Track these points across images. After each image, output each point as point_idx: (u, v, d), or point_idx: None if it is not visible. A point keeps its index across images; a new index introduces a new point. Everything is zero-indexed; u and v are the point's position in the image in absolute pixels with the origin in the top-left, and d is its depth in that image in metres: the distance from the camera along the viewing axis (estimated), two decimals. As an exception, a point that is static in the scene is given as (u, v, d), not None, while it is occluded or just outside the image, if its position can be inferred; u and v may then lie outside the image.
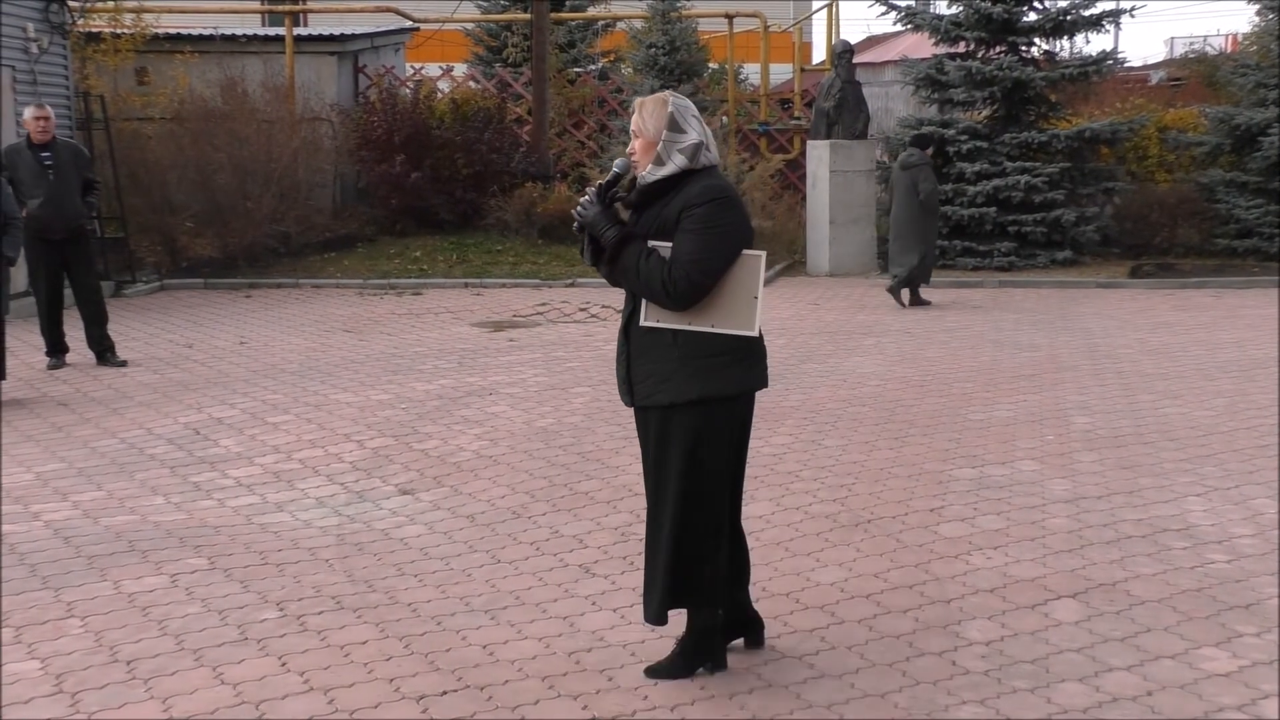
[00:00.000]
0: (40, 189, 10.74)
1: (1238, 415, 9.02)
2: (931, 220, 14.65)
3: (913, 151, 14.75)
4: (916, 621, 5.25)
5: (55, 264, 11.03)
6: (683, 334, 4.45)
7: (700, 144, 4.47)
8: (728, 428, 4.56)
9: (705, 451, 4.50)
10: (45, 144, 10.93)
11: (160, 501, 7.08)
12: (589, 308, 14.69)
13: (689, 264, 4.36)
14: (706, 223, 4.38)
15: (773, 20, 24.32)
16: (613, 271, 4.53)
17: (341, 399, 9.72)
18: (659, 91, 4.69)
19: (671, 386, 4.47)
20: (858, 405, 9.41)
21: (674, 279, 4.35)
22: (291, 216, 17.97)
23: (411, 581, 5.78)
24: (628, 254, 4.46)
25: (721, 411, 4.51)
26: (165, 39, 19.65)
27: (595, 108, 23.10)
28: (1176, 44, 38.07)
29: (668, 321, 4.46)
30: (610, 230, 4.49)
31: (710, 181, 4.47)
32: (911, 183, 14.38)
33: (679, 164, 4.45)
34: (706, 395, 4.45)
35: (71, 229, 11.00)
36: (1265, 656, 4.88)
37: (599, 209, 4.53)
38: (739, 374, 4.52)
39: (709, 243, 4.38)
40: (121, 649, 5.01)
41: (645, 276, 4.41)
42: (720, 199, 4.42)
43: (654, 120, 4.48)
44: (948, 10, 19.07)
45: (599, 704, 4.50)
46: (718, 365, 4.46)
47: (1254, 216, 17.83)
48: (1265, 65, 18.83)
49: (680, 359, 4.46)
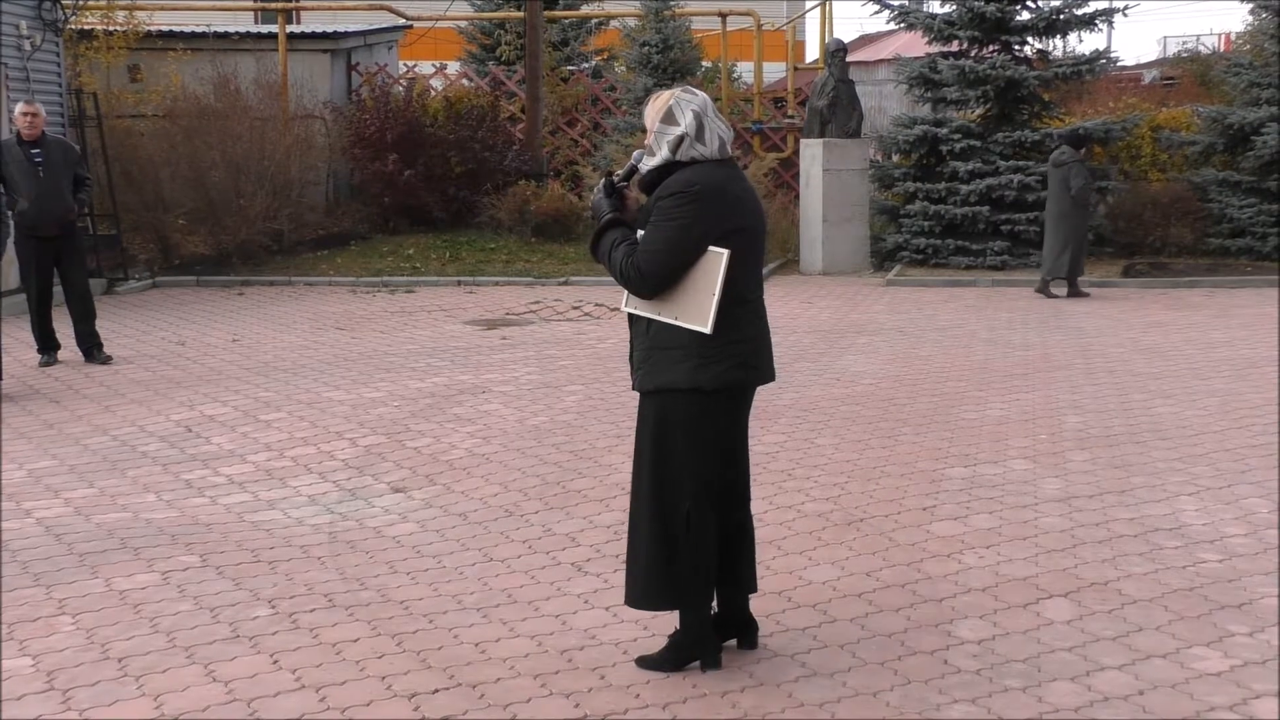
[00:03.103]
0: (30, 186, 10.72)
1: (1230, 415, 9.03)
2: (1083, 215, 15.31)
3: (1065, 149, 15.31)
4: (908, 620, 5.26)
5: (46, 261, 11.00)
6: (654, 324, 4.55)
7: (683, 136, 4.50)
8: (698, 421, 4.56)
9: (676, 444, 4.56)
10: (35, 140, 10.89)
11: (152, 499, 7.06)
12: (582, 306, 14.68)
13: (641, 254, 4.48)
14: (666, 215, 4.46)
15: (766, 19, 24.33)
16: (594, 254, 4.69)
17: (334, 397, 9.71)
18: (661, 91, 4.73)
19: (641, 375, 4.62)
20: (851, 404, 9.41)
21: (627, 267, 4.49)
22: (284, 214, 17.95)
23: (403, 579, 5.77)
24: (605, 239, 4.61)
25: (692, 405, 4.53)
26: (158, 36, 19.66)
27: (589, 106, 23.11)
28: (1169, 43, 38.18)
29: (641, 309, 4.58)
30: (605, 216, 4.64)
31: (683, 175, 4.50)
32: (1063, 179, 15.02)
33: (664, 156, 4.54)
34: (666, 386, 4.53)
35: (63, 225, 10.98)
36: (1257, 656, 4.88)
37: (601, 197, 4.70)
38: (700, 369, 4.49)
39: (663, 234, 4.45)
40: (113, 646, 5.00)
41: (613, 261, 4.56)
42: (683, 193, 4.44)
43: (652, 112, 4.59)
44: (941, 9, 19.08)
45: (591, 702, 4.49)
46: (675, 359, 4.51)
47: (1247, 216, 17.85)
48: (1258, 64, 18.86)
49: (649, 348, 4.57)
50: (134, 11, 18.54)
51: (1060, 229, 15.15)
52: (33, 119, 10.91)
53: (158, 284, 16.52)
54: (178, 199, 17.77)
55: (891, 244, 18.35)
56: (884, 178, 18.95)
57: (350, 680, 4.68)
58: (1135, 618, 5.27)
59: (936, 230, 17.98)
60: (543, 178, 20.28)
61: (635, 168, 4.67)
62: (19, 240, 10.92)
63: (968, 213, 17.74)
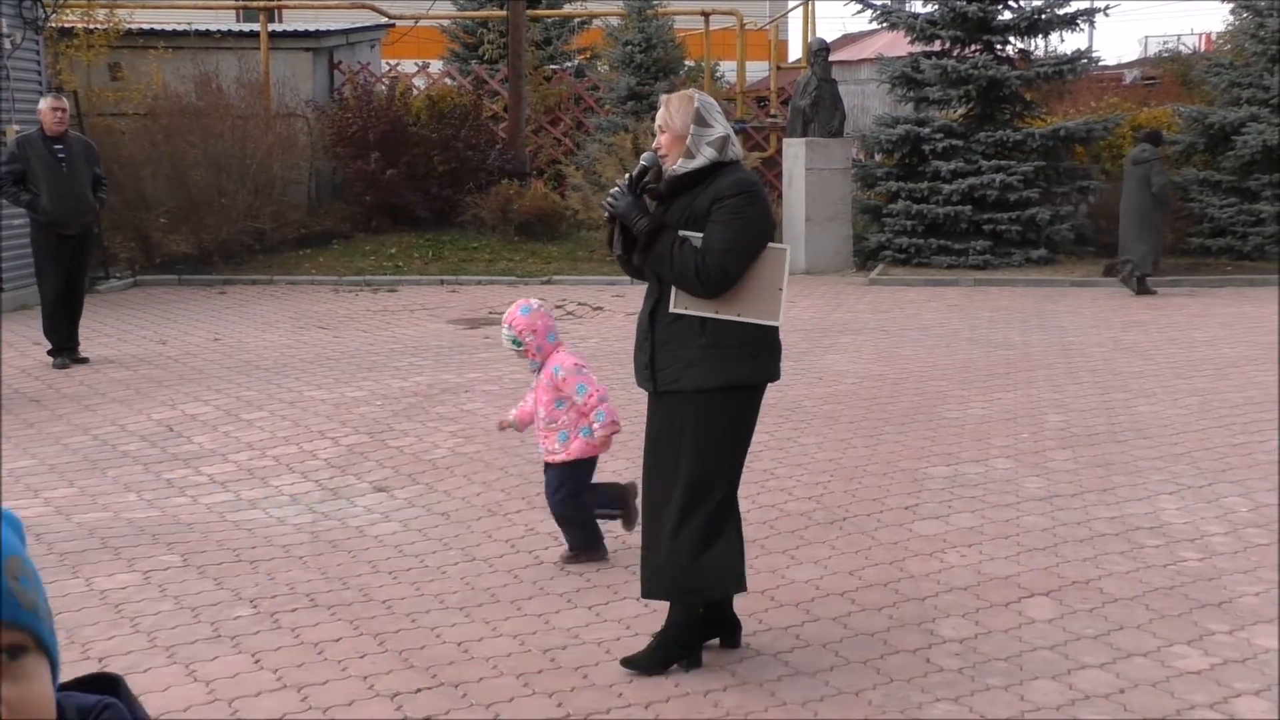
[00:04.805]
0: (52, 181, 10.62)
1: (1210, 414, 9.07)
2: (1162, 212, 15.47)
3: (1145, 147, 15.47)
4: (891, 619, 5.27)
5: (65, 259, 10.88)
6: (710, 322, 4.54)
7: (727, 137, 4.61)
8: (745, 417, 4.65)
9: (719, 439, 4.58)
10: (58, 136, 10.79)
11: (133, 498, 7.04)
12: (565, 305, 14.67)
13: (721, 253, 4.47)
14: (736, 214, 4.50)
15: (749, 18, 24.35)
16: (646, 260, 4.63)
17: (316, 396, 9.69)
18: (669, 94, 4.76)
19: (697, 373, 4.56)
20: (833, 403, 9.42)
21: (707, 267, 4.46)
22: (266, 213, 17.90)
23: (386, 579, 5.76)
24: (661, 242, 4.56)
25: (742, 400, 4.62)
26: (139, 35, 19.57)
27: (572, 105, 23.09)
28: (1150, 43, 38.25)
29: (696, 309, 4.56)
30: (642, 220, 4.60)
31: (739, 175, 4.62)
32: (1144, 176, 15.15)
33: (709, 156, 4.57)
34: (730, 383, 4.56)
35: (83, 223, 10.90)
36: (1237, 654, 4.90)
37: (630, 199, 4.65)
38: (759, 365, 4.63)
39: (739, 233, 4.50)
40: (93, 646, 4.98)
41: (679, 264, 4.51)
42: (749, 192, 4.56)
43: (680, 115, 4.60)
44: (923, 9, 19.12)
45: (574, 701, 4.49)
46: (744, 355, 4.57)
47: (1227, 215, 17.93)
48: (1239, 64, 18.94)
49: (706, 346, 4.55)
50: (115, 10, 18.44)
51: (1143, 226, 15.21)
52: (62, 114, 10.81)
53: (139, 283, 16.47)
54: (159, 198, 17.70)
55: (874, 243, 18.38)
56: (867, 177, 18.99)
57: (332, 680, 4.67)
58: (1116, 616, 5.28)
59: (919, 230, 18.01)
60: (526, 177, 20.26)
61: (646, 169, 4.68)
62: (37, 237, 10.84)
63: (950, 212, 17.78)
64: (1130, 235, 15.41)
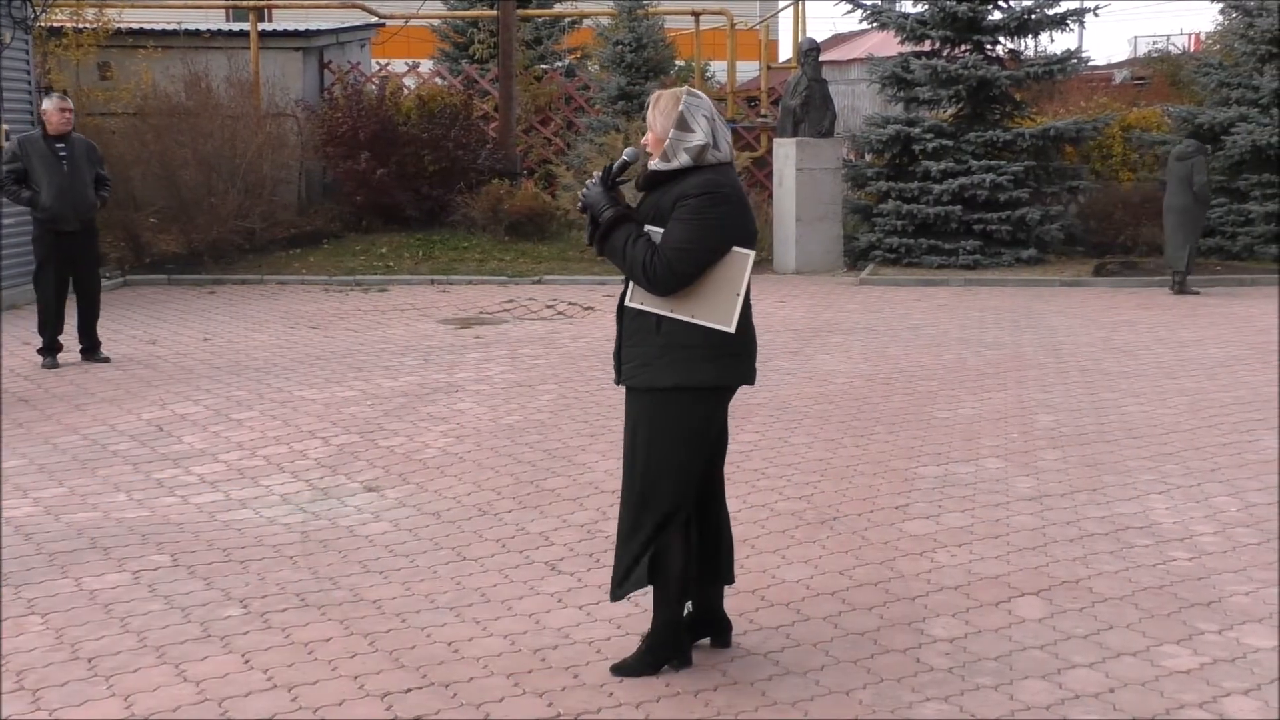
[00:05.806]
0: (53, 180, 10.61)
1: (1200, 413, 9.09)
2: (1203, 211, 15.56)
3: (1189, 142, 15.59)
4: (881, 619, 5.27)
5: (65, 257, 10.85)
6: (666, 321, 4.53)
7: (705, 145, 4.55)
8: (700, 420, 4.60)
9: (672, 439, 4.56)
10: (60, 136, 10.79)
11: (123, 498, 7.03)
12: (556, 304, 14.67)
13: (673, 250, 4.45)
14: (697, 214, 4.47)
15: (739, 18, 24.35)
16: (602, 249, 4.65)
17: (306, 395, 9.68)
18: (667, 90, 4.75)
19: (650, 372, 4.56)
20: (824, 403, 9.43)
21: (653, 263, 4.45)
22: (256, 213, 17.86)
23: (376, 579, 5.76)
24: (618, 234, 4.57)
25: (698, 404, 4.57)
26: (128, 34, 19.51)
27: (562, 105, 23.07)
28: (1140, 43, 38.33)
29: (651, 305, 4.55)
30: (609, 211, 4.61)
31: (708, 176, 4.55)
32: (1187, 173, 15.12)
33: (683, 162, 4.55)
34: (682, 384, 4.53)
35: (84, 221, 10.89)
36: (1226, 654, 4.91)
37: (601, 190, 4.67)
38: (720, 367, 4.57)
39: (695, 233, 4.46)
40: (83, 646, 4.97)
41: (630, 257, 4.51)
42: (712, 194, 4.50)
43: (663, 118, 4.58)
44: (913, 9, 19.13)
45: (564, 701, 4.49)
46: (696, 357, 4.52)
47: (1217, 215, 17.95)
48: (1228, 64, 18.97)
49: (662, 346, 4.54)
50: (104, 9, 18.40)
51: (1183, 224, 15.21)
52: (68, 115, 10.85)
53: (129, 282, 16.43)
54: (149, 197, 17.67)
55: (864, 243, 18.38)
56: (857, 177, 19.00)
57: (322, 680, 4.66)
58: (1106, 615, 5.30)
59: (909, 229, 18.02)
60: (516, 176, 20.25)
61: (627, 163, 4.68)
62: (37, 235, 10.84)
63: (940, 212, 17.79)
64: (1174, 236, 15.36)
